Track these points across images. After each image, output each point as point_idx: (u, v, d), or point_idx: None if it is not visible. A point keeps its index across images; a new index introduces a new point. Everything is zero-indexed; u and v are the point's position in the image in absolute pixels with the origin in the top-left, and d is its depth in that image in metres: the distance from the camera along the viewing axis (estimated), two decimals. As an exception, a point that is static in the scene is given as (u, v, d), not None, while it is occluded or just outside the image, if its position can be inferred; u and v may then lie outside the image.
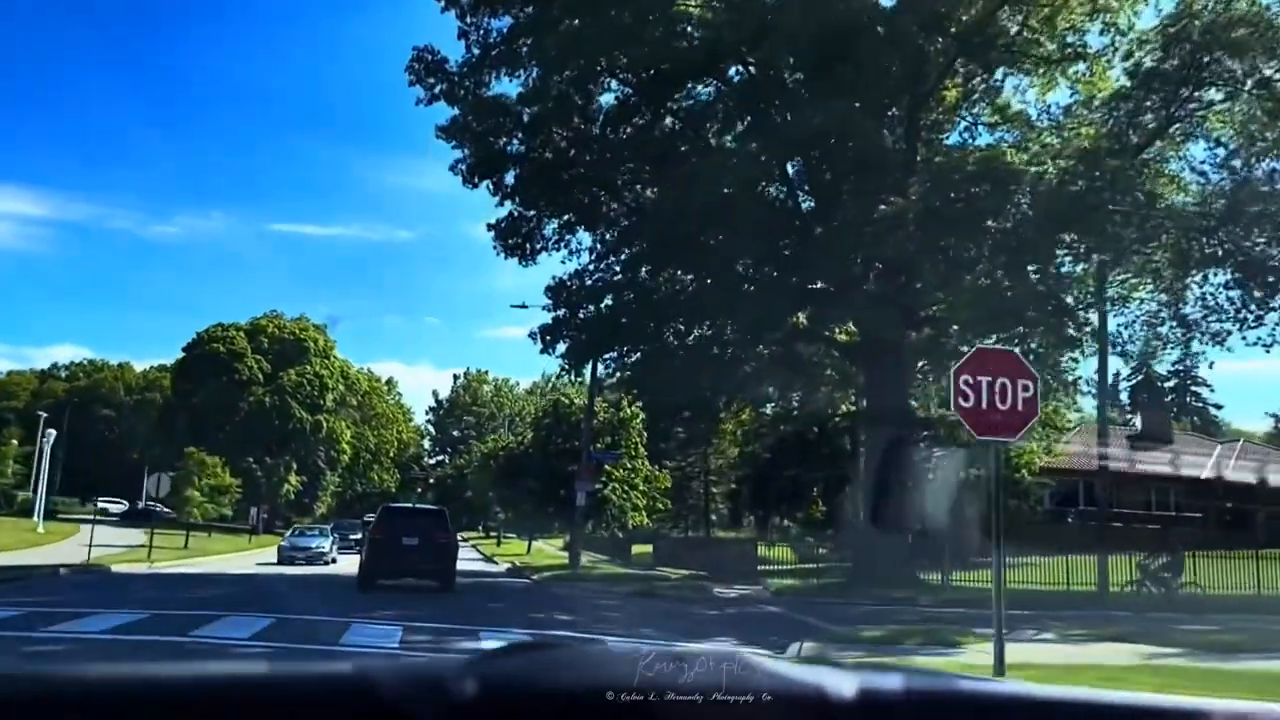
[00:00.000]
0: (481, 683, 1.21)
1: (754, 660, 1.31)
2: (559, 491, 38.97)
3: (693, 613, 18.66)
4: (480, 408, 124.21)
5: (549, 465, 39.31)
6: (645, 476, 41.24)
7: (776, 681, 1.26)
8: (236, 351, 69.81)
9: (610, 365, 32.95)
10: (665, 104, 29.12)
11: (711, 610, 19.77)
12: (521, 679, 1.25)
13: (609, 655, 1.37)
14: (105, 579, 23.40)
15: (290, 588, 23.08)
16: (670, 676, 1.24)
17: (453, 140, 28.74)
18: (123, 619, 13.67)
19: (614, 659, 1.33)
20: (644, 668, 1.24)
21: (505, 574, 38.44)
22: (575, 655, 1.31)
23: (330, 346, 77.32)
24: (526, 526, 49.06)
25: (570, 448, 38.78)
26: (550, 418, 41.13)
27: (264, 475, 68.88)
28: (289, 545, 37.84)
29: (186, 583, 23.09)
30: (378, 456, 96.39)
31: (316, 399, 71.36)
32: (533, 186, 29.01)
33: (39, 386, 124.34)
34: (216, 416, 68.08)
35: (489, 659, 1.29)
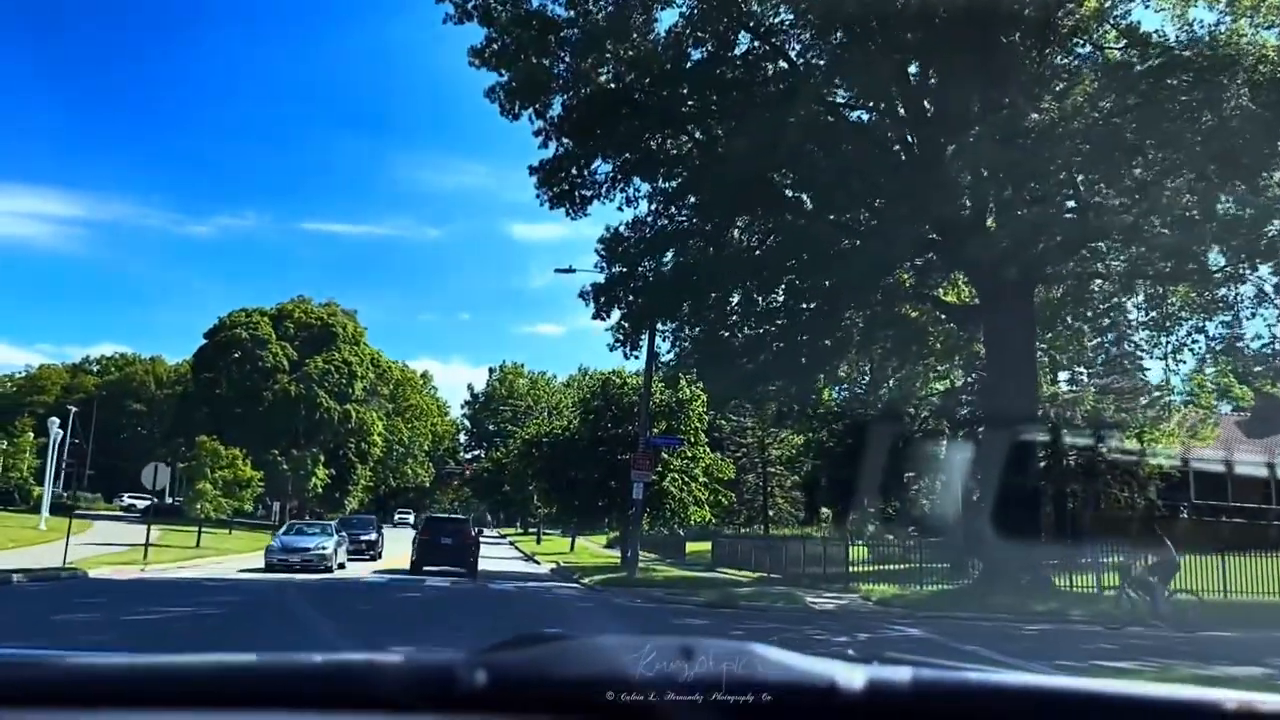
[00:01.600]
0: (487, 674, 1.22)
1: (759, 653, 1.27)
2: (609, 483, 34.35)
3: (811, 638, 13.92)
4: (517, 401, 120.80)
5: (598, 454, 34.64)
6: (707, 466, 36.50)
7: (782, 674, 1.25)
8: (260, 338, 65.74)
9: (670, 338, 28.28)
10: (740, 18, 24.29)
11: (834, 634, 15.02)
12: (526, 671, 1.25)
13: (613, 648, 1.29)
14: (55, 589, 19.02)
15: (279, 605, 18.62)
16: (674, 670, 1.22)
17: (487, 64, 24.10)
18: None
19: (618, 651, 1.28)
20: (647, 661, 1.23)
21: (550, 576, 33.88)
22: (580, 647, 1.30)
23: (361, 333, 73.10)
24: (570, 522, 43.81)
25: (622, 433, 34.11)
26: (600, 399, 36.46)
27: (290, 468, 64.85)
28: (280, 546, 29.11)
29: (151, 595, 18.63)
30: (411, 450, 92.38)
31: (345, 388, 67.10)
32: (583, 118, 24.30)
33: (70, 381, 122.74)
34: (239, 406, 64.20)
35: (494, 651, 1.30)
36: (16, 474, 63.65)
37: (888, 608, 22.44)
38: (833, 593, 25.57)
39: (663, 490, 33.53)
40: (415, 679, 1.25)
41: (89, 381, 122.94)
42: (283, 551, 28.78)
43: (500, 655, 1.28)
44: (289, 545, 29.31)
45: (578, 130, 24.50)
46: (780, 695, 1.22)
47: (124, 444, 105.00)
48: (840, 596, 24.60)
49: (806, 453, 45.64)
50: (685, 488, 34.67)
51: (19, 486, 63.60)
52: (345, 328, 70.04)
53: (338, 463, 70.55)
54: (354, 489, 74.26)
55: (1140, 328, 27.09)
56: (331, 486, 69.68)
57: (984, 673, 1.38)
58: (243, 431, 64.24)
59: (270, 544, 30.85)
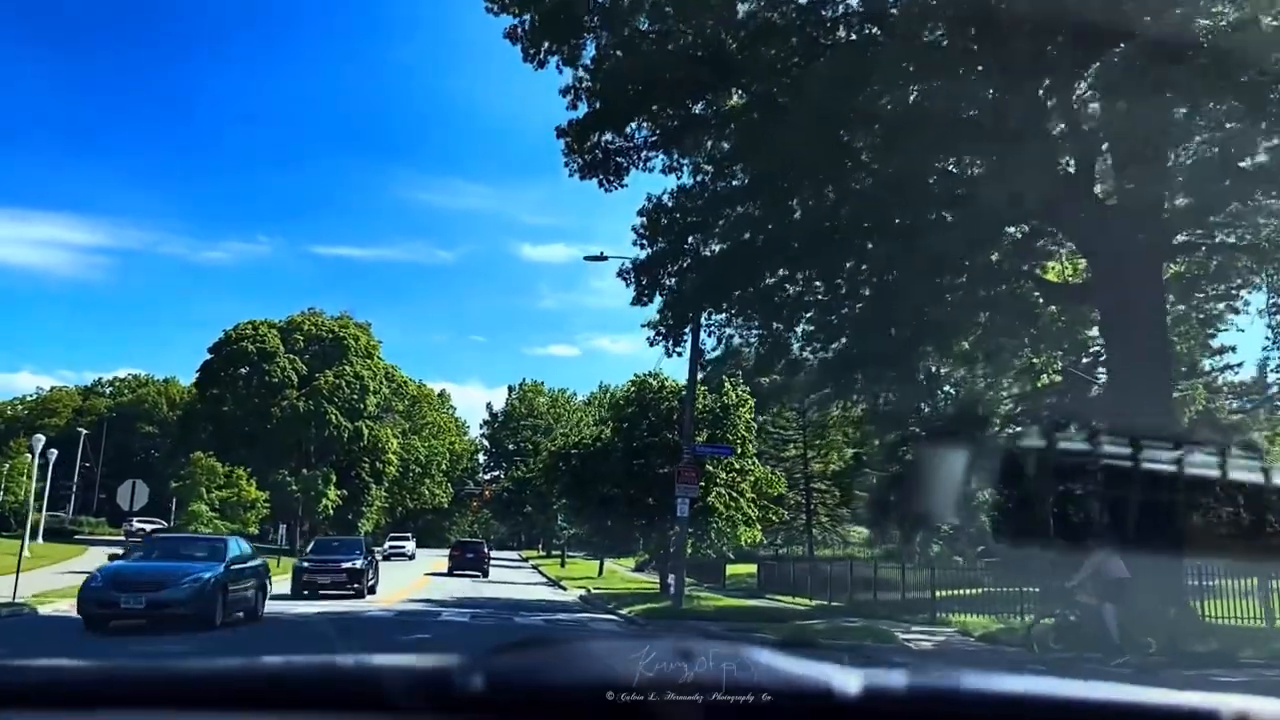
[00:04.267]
0: (487, 678, 1.22)
1: (756, 656, 1.27)
2: (645, 499, 30.37)
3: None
4: (537, 419, 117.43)
5: (632, 467, 30.62)
6: (755, 480, 32.49)
7: (779, 678, 1.24)
8: (268, 351, 62.16)
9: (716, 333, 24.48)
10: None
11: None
12: (526, 674, 1.25)
13: (613, 650, 1.30)
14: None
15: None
16: (674, 671, 1.22)
17: (505, 8, 20.41)
18: None
19: (618, 653, 1.28)
20: (646, 663, 1.22)
21: (581, 606, 30.01)
22: (580, 649, 1.30)
23: (375, 347, 69.42)
24: (599, 543, 38.89)
25: (660, 442, 30.16)
26: (634, 404, 32.51)
27: (300, 488, 61.18)
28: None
29: (77, 644, 14.77)
30: (429, 469, 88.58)
31: (356, 403, 63.35)
32: (619, 68, 20.59)
33: (81, 404, 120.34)
34: (246, 424, 60.71)
35: (494, 655, 1.29)
36: (12, 498, 60.33)
37: (994, 644, 18.50)
38: (920, 626, 21.58)
39: (707, 507, 29.37)
40: (416, 682, 1.25)
41: (101, 404, 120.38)
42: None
43: (500, 658, 1.27)
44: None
45: (612, 82, 20.77)
46: (778, 697, 1.21)
47: (135, 467, 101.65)
48: (933, 632, 20.59)
49: (858, 467, 41.50)
50: (733, 504, 30.68)
51: (14, 511, 60.35)
52: (358, 340, 66.43)
53: (351, 483, 66.79)
54: (368, 510, 70.44)
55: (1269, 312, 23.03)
56: (344, 508, 65.87)
57: (980, 677, 1.35)
58: (249, 451, 60.77)
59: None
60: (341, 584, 25.78)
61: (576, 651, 1.29)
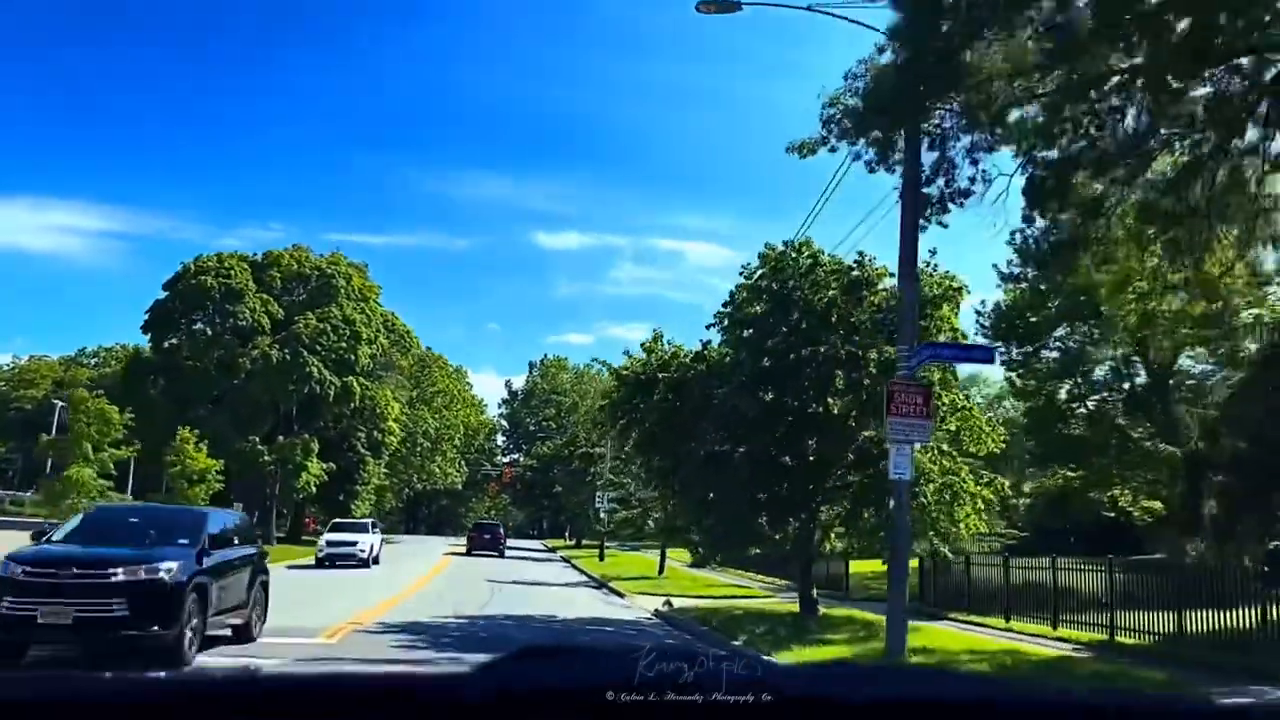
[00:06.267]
0: (493, 684, 1.22)
1: (756, 660, 1.27)
2: (803, 454, 16.99)
3: None
4: (560, 396, 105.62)
5: (767, 403, 16.74)
6: (977, 432, 18.48)
7: (780, 677, 1.24)
8: (235, 290, 49.50)
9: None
10: None
11: None
12: (530, 678, 1.24)
13: (614, 651, 1.30)
14: None
15: None
16: (674, 672, 1.21)
17: None
18: None
19: (619, 654, 1.27)
20: (647, 663, 1.22)
21: (660, 626, 17.33)
22: (581, 653, 1.30)
23: (372, 290, 56.57)
24: (701, 531, 21.14)
25: (818, 355, 16.67)
26: (769, 293, 17.23)
27: (274, 459, 48.77)
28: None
29: None
30: (439, 444, 76.01)
31: (345, 354, 50.56)
32: None
33: (62, 375, 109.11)
34: (207, 379, 48.36)
35: (501, 664, 1.29)
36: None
37: None
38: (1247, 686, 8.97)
39: (923, 472, 15.69)
40: (425, 690, 1.24)
41: (83, 374, 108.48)
42: None
43: (505, 666, 1.27)
44: None
45: None
46: (778, 697, 1.19)
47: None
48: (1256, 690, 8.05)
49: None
50: (954, 474, 17.18)
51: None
52: (350, 280, 53.73)
53: (342, 455, 54.28)
54: (363, 489, 57.80)
55: None
56: (331, 485, 53.27)
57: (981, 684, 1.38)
58: (214, 412, 48.47)
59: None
60: None
61: (580, 655, 1.31)
